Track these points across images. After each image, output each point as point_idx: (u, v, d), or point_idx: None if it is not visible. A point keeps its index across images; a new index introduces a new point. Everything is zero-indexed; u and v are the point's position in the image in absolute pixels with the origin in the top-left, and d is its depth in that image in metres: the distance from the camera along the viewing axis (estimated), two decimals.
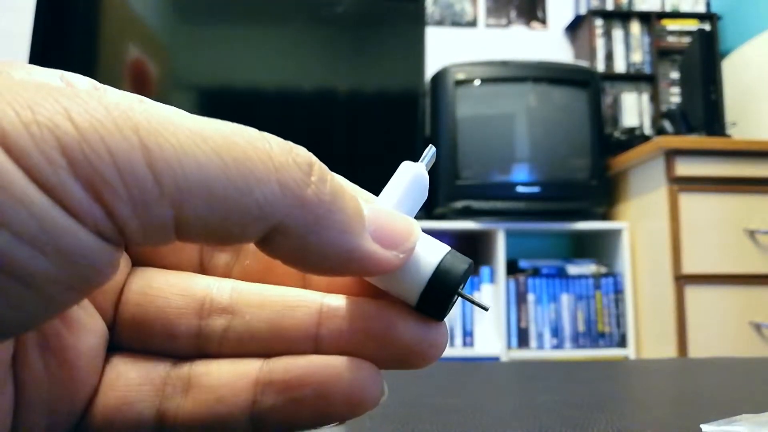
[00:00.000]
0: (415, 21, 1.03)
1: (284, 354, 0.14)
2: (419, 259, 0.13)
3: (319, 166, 0.12)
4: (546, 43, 2.22)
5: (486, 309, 0.14)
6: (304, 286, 0.15)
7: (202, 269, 0.16)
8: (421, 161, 0.15)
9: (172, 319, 0.14)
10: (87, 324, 0.14)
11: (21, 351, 0.12)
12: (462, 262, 0.13)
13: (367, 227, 0.12)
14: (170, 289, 0.15)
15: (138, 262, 0.15)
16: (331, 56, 0.98)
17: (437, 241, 0.14)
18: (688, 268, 1.52)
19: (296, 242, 0.11)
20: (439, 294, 0.13)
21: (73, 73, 0.14)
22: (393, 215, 0.13)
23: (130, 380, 0.14)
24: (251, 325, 0.14)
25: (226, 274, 0.15)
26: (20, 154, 0.09)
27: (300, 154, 0.12)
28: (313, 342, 0.14)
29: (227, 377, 0.13)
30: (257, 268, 0.15)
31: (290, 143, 0.12)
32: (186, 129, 0.10)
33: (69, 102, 0.10)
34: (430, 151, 0.15)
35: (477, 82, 1.77)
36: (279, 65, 0.95)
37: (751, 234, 1.54)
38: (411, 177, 0.14)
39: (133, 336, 0.14)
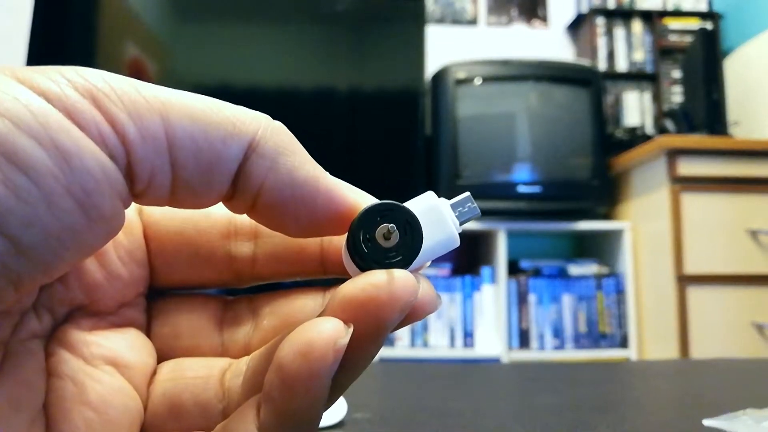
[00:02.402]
0: (416, 19, 1.02)
1: None
2: None
3: None
4: (547, 42, 2.21)
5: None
6: None
7: (224, 350, 0.16)
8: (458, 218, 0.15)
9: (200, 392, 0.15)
10: (126, 391, 0.14)
11: (59, 400, 0.13)
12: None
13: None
14: (197, 371, 0.15)
15: (163, 352, 0.15)
16: (330, 55, 0.97)
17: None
18: (690, 268, 1.51)
19: (270, 163, 0.12)
20: (348, 239, 0.13)
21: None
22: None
23: None
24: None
25: (246, 349, 0.15)
26: (24, 76, 0.10)
27: None
28: None
29: None
30: (275, 324, 0.16)
31: None
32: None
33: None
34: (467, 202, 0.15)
35: (478, 81, 1.76)
36: (278, 64, 0.95)
37: (754, 234, 1.53)
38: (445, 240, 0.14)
39: (167, 416, 0.14)
